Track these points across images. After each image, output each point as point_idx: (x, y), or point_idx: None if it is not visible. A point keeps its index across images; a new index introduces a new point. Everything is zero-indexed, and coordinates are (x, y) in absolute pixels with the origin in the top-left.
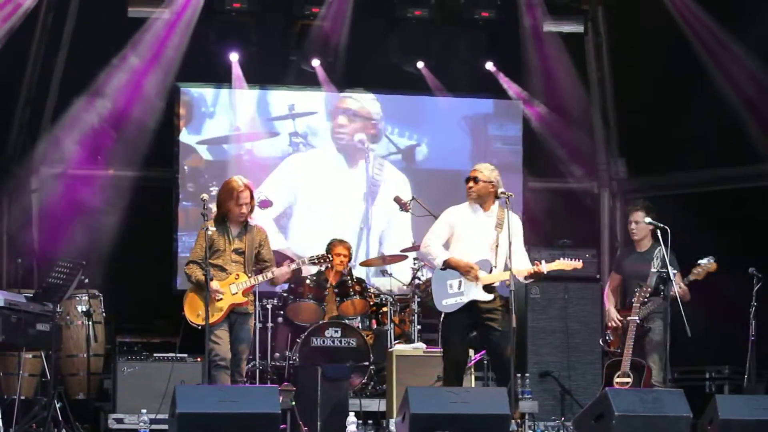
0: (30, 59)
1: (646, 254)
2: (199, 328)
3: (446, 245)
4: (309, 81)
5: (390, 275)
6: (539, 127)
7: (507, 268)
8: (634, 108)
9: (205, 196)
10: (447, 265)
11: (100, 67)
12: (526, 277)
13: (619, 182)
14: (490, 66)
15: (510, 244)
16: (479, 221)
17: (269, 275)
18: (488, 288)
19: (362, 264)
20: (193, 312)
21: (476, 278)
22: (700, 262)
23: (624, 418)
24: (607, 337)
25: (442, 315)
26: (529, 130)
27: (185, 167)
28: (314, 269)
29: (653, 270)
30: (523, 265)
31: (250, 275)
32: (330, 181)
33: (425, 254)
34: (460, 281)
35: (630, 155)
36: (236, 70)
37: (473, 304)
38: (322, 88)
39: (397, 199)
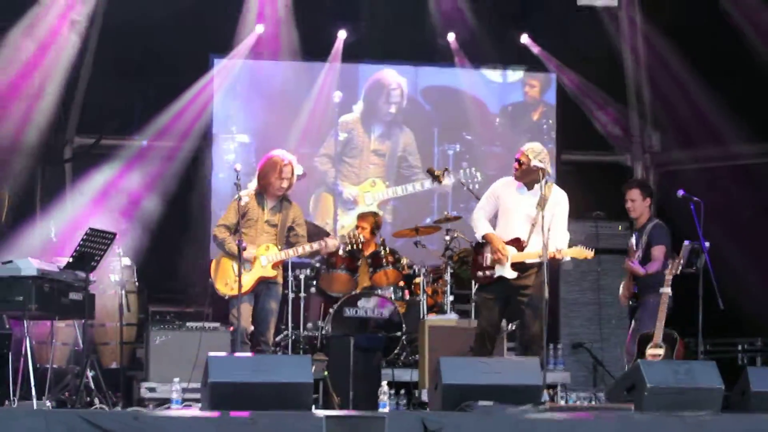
0: None
1: (641, 231)
2: (226, 297)
3: (495, 216)
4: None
5: (423, 246)
6: (573, 100)
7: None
8: (669, 81)
9: (238, 166)
10: (485, 238)
11: (136, 36)
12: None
13: (653, 155)
14: (525, 39)
15: (543, 218)
16: (522, 198)
17: (299, 250)
18: (517, 265)
19: (395, 235)
20: (222, 280)
21: (502, 263)
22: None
23: (656, 389)
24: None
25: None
26: (562, 103)
27: (220, 138)
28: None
29: (686, 243)
30: (550, 246)
31: (280, 248)
32: None
33: (473, 225)
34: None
35: (664, 128)
36: (249, 41)
37: (502, 279)
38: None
39: (430, 170)
